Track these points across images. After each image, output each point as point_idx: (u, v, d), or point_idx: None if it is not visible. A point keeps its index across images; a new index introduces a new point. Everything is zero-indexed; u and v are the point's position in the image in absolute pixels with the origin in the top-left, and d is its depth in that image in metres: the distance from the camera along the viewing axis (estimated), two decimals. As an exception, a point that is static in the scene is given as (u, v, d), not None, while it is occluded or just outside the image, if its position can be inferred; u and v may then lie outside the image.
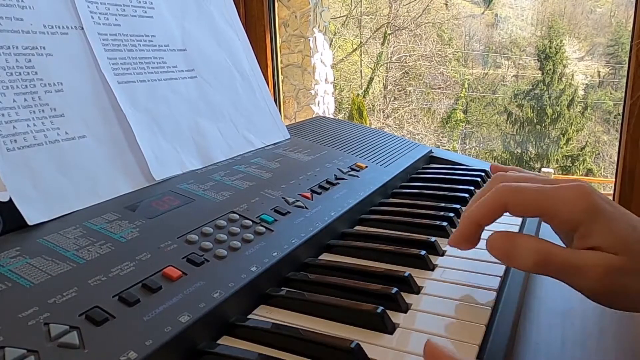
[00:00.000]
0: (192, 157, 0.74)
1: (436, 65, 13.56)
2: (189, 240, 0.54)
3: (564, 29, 13.17)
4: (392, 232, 0.68)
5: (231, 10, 0.92)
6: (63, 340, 0.38)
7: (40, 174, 0.56)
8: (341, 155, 0.88)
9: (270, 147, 0.86)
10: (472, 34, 13.99)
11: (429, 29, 13.52)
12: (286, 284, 0.55)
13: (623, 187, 1.97)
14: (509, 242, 0.48)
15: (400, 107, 13.55)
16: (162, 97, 0.74)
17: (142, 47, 0.74)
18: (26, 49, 0.60)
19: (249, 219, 0.61)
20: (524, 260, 0.47)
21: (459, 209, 0.74)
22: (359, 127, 1.11)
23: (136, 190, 0.65)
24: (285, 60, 5.41)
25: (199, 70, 0.81)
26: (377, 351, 0.44)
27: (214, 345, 0.44)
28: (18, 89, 0.57)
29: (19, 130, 0.56)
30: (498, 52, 13.75)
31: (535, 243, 0.47)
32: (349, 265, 0.59)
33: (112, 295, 0.44)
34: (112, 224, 0.55)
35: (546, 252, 0.46)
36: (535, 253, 0.46)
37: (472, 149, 13.11)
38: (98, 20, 0.69)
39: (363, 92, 13.21)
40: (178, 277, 0.48)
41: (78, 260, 0.48)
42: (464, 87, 13.50)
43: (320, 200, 0.70)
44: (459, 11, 13.84)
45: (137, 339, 0.40)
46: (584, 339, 0.55)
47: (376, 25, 13.51)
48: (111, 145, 0.65)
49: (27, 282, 0.44)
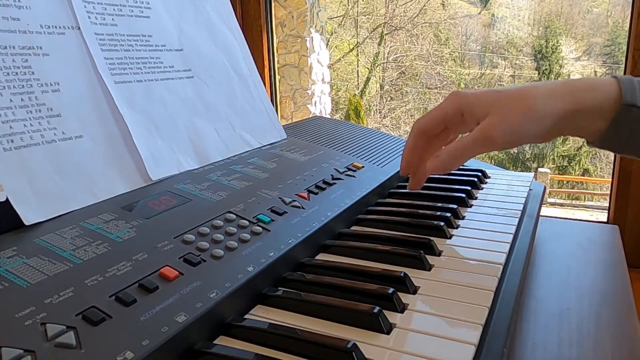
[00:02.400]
0: (189, 157, 0.74)
1: (433, 65, 13.57)
2: (185, 240, 0.54)
3: (560, 29, 13.19)
4: (389, 232, 0.68)
5: (228, 10, 0.92)
6: (60, 340, 0.38)
7: (37, 174, 0.56)
8: (338, 155, 0.88)
9: (267, 147, 0.86)
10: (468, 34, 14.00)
11: (426, 29, 13.53)
12: (283, 284, 0.56)
13: (620, 187, 1.98)
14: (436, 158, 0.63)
15: (397, 107, 13.55)
16: (159, 97, 0.74)
17: (138, 47, 0.74)
18: (23, 49, 0.60)
19: (245, 219, 0.61)
20: (452, 163, 0.62)
21: (455, 209, 0.74)
22: (355, 127, 1.11)
23: (133, 190, 0.65)
24: (282, 60, 5.41)
25: (196, 70, 0.81)
26: (374, 351, 0.44)
27: (211, 345, 0.44)
28: (15, 89, 0.57)
29: (15, 130, 0.56)
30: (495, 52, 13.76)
31: (448, 148, 0.62)
32: (345, 265, 0.59)
33: (108, 295, 0.44)
34: (108, 224, 0.55)
35: (456, 148, 0.61)
36: (450, 154, 0.61)
37: (469, 149, 13.09)
38: (95, 20, 0.69)
39: (360, 92, 13.21)
40: (175, 277, 0.48)
41: (75, 260, 0.48)
42: (460, 87, 13.50)
43: (317, 200, 0.70)
44: (456, 11, 13.86)
45: (133, 339, 0.40)
46: (580, 339, 0.55)
47: (373, 25, 13.51)
48: (108, 145, 0.65)
49: (24, 282, 0.44)
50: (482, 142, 0.59)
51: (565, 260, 0.74)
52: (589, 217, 8.19)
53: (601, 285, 0.69)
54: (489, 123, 0.58)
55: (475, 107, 0.60)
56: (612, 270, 0.73)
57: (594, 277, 0.70)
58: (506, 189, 0.86)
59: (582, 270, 0.71)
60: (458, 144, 0.61)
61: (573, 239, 0.83)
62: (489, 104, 0.59)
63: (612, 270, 0.73)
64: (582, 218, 6.64)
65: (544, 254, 0.75)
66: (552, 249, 0.78)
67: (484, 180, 0.91)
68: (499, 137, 0.58)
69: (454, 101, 0.62)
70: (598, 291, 0.67)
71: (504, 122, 0.57)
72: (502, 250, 0.62)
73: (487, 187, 0.88)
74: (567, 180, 12.06)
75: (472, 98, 0.61)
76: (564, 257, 0.74)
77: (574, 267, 0.72)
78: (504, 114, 0.57)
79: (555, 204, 10.20)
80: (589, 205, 10.39)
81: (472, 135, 0.60)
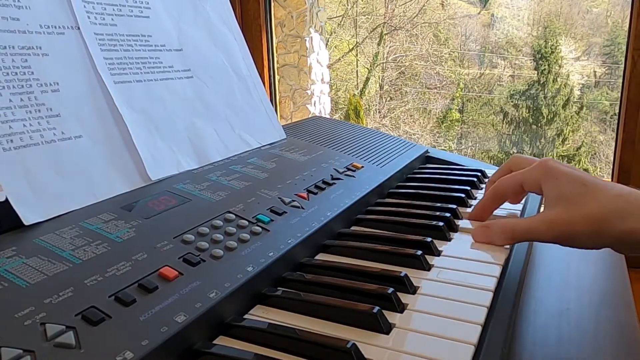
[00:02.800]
0: (189, 157, 0.74)
1: (432, 65, 13.56)
2: (185, 240, 0.54)
3: (560, 29, 13.18)
4: (388, 232, 0.68)
5: (227, 10, 0.92)
6: (59, 340, 0.38)
7: (36, 174, 0.56)
8: (337, 155, 0.88)
9: (266, 147, 0.86)
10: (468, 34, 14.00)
11: (425, 29, 13.52)
12: (282, 284, 0.56)
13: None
14: (485, 228, 0.64)
15: (397, 107, 13.55)
16: (159, 97, 0.74)
17: (138, 47, 0.74)
18: (22, 48, 0.60)
19: (245, 219, 0.61)
20: (498, 238, 0.63)
21: (455, 209, 0.74)
22: (355, 127, 1.12)
23: (132, 190, 0.65)
24: (282, 60, 5.41)
25: (195, 70, 0.81)
26: (373, 351, 0.44)
27: (210, 345, 0.44)
28: (14, 89, 0.57)
29: (15, 130, 0.56)
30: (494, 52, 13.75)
31: (502, 223, 0.63)
32: (345, 265, 0.59)
33: (108, 295, 0.44)
34: (108, 224, 0.55)
35: (510, 227, 0.62)
36: (502, 231, 0.62)
37: (468, 149, 13.11)
38: (94, 20, 0.69)
39: (359, 92, 13.21)
40: (174, 277, 0.48)
41: (74, 260, 0.48)
42: (459, 87, 13.50)
43: (317, 200, 0.70)
44: (455, 11, 13.85)
45: (133, 339, 0.40)
46: (579, 339, 0.55)
47: (372, 25, 13.50)
48: (107, 145, 0.65)
49: (23, 282, 0.44)
50: (539, 235, 0.59)
51: (565, 260, 0.74)
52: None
53: (601, 285, 0.69)
54: (555, 217, 0.58)
55: (553, 190, 0.60)
56: (611, 270, 0.73)
57: (593, 277, 0.70)
58: (506, 189, 0.86)
59: (581, 270, 0.71)
60: (514, 225, 0.62)
61: (572, 239, 0.82)
62: (565, 195, 0.58)
63: (611, 270, 0.73)
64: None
65: (544, 254, 0.75)
66: (551, 249, 0.78)
67: (483, 180, 0.91)
68: (557, 238, 0.58)
69: (538, 173, 0.62)
70: (598, 291, 0.67)
71: (564, 224, 0.57)
72: (502, 250, 0.62)
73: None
74: (566, 180, 12.02)
75: (553, 180, 0.60)
76: (563, 257, 0.74)
77: (574, 267, 0.72)
78: (572, 213, 0.57)
79: (554, 203, 10.18)
80: (588, 205, 10.36)
81: (533, 223, 0.59)
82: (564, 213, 0.57)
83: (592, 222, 0.55)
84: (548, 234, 0.58)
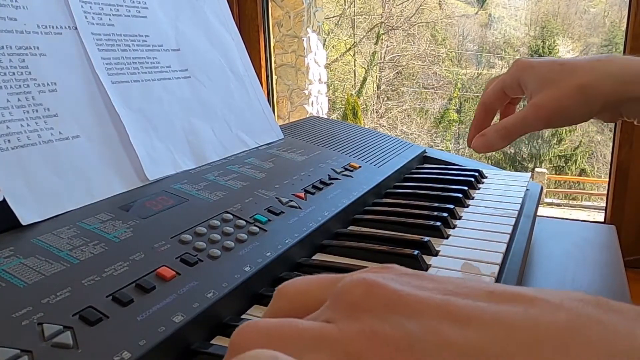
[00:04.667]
0: (186, 157, 0.74)
1: (429, 65, 13.58)
2: (182, 241, 0.54)
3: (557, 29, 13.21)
4: (386, 232, 0.68)
5: (225, 10, 0.92)
6: (57, 340, 0.38)
7: (34, 174, 0.56)
8: (335, 155, 0.88)
9: (263, 147, 0.86)
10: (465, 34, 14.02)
11: (423, 29, 13.54)
12: (279, 284, 0.55)
13: (617, 187, 1.98)
14: (482, 137, 0.64)
15: (394, 107, 13.56)
16: (156, 97, 0.74)
17: (135, 47, 0.74)
18: (20, 48, 0.60)
19: (242, 219, 0.61)
20: (496, 141, 0.62)
21: (452, 209, 0.74)
22: (352, 127, 1.12)
23: (130, 190, 0.65)
24: (279, 60, 5.41)
25: (193, 70, 0.81)
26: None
27: (208, 345, 0.44)
28: (12, 89, 0.57)
29: (12, 130, 0.56)
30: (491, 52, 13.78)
31: (495, 126, 0.63)
32: (342, 265, 0.59)
33: (105, 295, 0.44)
34: (105, 224, 0.55)
35: (502, 125, 0.62)
36: (497, 132, 0.62)
37: (466, 149, 13.12)
38: (92, 20, 0.69)
39: (356, 92, 13.22)
40: (172, 277, 0.48)
41: (72, 260, 0.48)
42: (457, 87, 13.52)
43: (314, 201, 0.70)
44: (453, 11, 13.87)
45: (130, 339, 0.40)
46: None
47: (370, 25, 13.52)
48: (105, 145, 0.65)
49: (21, 282, 0.44)
50: (531, 122, 0.59)
51: (562, 260, 0.74)
52: (586, 217, 8.20)
53: (598, 285, 0.69)
54: (540, 100, 0.58)
55: (531, 79, 0.60)
56: (608, 270, 0.73)
57: (590, 277, 0.70)
58: (503, 189, 0.86)
59: (579, 270, 0.71)
60: (506, 122, 0.62)
61: (570, 239, 0.83)
62: (545, 77, 0.59)
63: (608, 270, 0.73)
64: (579, 218, 6.65)
65: (541, 254, 0.75)
66: (549, 249, 0.78)
67: (480, 180, 0.91)
68: (548, 119, 0.58)
69: (513, 71, 0.63)
70: (595, 291, 0.67)
71: (552, 102, 0.58)
72: (499, 250, 0.62)
73: (484, 187, 0.88)
74: (564, 180, 12.08)
75: (529, 69, 0.61)
76: (560, 257, 0.74)
77: (571, 267, 0.72)
78: (556, 90, 0.58)
79: (552, 204, 10.22)
80: (585, 205, 10.41)
81: (522, 113, 0.60)
82: (549, 93, 0.58)
83: (578, 90, 0.56)
84: (539, 118, 0.58)
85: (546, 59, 0.61)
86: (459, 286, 0.23)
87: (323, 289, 0.27)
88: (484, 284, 0.23)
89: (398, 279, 0.24)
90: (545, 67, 0.59)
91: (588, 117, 0.58)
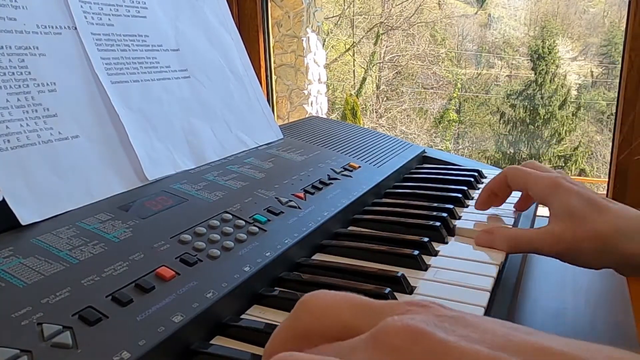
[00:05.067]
0: (186, 157, 0.74)
1: (429, 65, 13.58)
2: (182, 240, 0.54)
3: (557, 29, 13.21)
4: (385, 233, 0.68)
5: (224, 10, 0.92)
6: (56, 340, 0.38)
7: (33, 174, 0.56)
8: (334, 155, 0.88)
9: (263, 147, 0.86)
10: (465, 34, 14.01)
11: (422, 29, 13.54)
12: (279, 284, 0.56)
13: (616, 187, 1.98)
14: (489, 234, 0.63)
15: (393, 107, 13.56)
16: (156, 97, 0.74)
17: (135, 47, 0.74)
18: (19, 48, 0.60)
19: (242, 219, 0.61)
20: (501, 246, 0.61)
21: (452, 209, 0.74)
22: (352, 127, 1.12)
23: (129, 190, 0.64)
24: (279, 60, 5.40)
25: (192, 70, 0.81)
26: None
27: (207, 345, 0.44)
28: (11, 89, 0.57)
29: (12, 130, 0.56)
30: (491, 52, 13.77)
31: (507, 231, 0.62)
32: (342, 266, 0.59)
33: (105, 295, 0.44)
34: (105, 224, 0.55)
35: (513, 236, 0.61)
36: (506, 239, 0.61)
37: (465, 149, 13.14)
38: (91, 20, 0.69)
39: (356, 92, 13.22)
40: (171, 277, 0.48)
41: (71, 260, 0.48)
42: (456, 87, 13.52)
43: (314, 201, 0.70)
44: (452, 11, 13.87)
45: (130, 339, 0.40)
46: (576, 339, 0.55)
47: (369, 25, 13.52)
48: (104, 145, 0.65)
49: (20, 282, 0.44)
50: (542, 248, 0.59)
51: (561, 260, 0.74)
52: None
53: (597, 285, 0.69)
54: (560, 231, 0.57)
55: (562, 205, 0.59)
56: (608, 271, 0.73)
57: (590, 277, 0.70)
58: (502, 189, 0.86)
59: (578, 270, 0.71)
60: (519, 235, 0.61)
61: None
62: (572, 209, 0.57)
63: (608, 271, 0.73)
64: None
65: (540, 254, 0.75)
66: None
67: (480, 180, 0.91)
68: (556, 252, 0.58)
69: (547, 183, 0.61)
70: (594, 291, 0.67)
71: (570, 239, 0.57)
72: (499, 251, 0.62)
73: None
74: (563, 180, 12.04)
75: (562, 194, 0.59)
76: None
77: (570, 267, 0.72)
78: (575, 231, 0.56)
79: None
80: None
81: (538, 235, 0.59)
82: (571, 228, 0.56)
83: (599, 239, 0.55)
84: (552, 248, 0.58)
85: (583, 190, 0.59)
86: (506, 337, 0.23)
87: (355, 314, 0.27)
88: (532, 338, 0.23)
89: (441, 325, 0.24)
90: (578, 199, 0.58)
91: (602, 266, 0.58)
